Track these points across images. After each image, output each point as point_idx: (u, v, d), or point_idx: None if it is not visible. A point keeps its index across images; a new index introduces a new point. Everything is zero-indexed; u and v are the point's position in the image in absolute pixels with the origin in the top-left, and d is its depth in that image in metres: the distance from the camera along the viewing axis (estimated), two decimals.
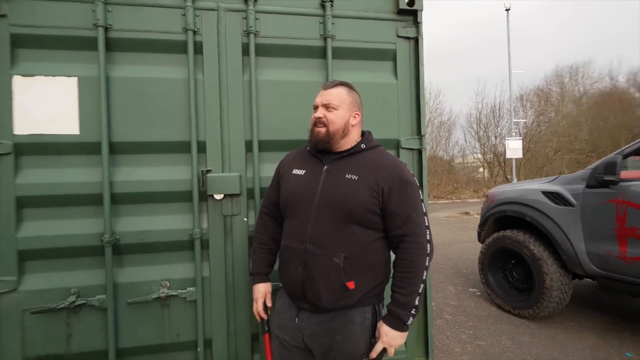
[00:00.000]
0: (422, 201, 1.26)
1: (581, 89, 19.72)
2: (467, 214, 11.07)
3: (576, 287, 4.20)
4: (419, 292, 1.18)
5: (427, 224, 1.24)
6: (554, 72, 23.98)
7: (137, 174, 1.66)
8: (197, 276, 1.69)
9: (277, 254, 1.48)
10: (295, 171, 1.35)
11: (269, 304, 1.46)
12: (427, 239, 1.22)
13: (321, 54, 1.83)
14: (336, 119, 1.29)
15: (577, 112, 18.76)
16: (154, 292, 1.65)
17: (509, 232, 3.56)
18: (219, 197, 1.69)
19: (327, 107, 1.30)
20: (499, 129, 18.21)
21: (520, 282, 3.54)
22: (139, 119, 1.66)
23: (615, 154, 2.90)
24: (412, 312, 1.18)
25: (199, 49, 1.71)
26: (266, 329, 1.45)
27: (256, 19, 1.75)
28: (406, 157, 1.90)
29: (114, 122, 1.64)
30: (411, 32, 1.92)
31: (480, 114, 18.92)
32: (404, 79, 1.94)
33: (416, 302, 1.18)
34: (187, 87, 1.69)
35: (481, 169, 19.97)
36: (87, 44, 1.62)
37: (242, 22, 1.75)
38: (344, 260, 1.19)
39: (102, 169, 1.60)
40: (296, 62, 1.82)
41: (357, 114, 1.35)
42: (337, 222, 1.21)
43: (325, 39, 1.81)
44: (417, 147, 1.91)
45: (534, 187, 3.45)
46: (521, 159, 14.97)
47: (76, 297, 1.60)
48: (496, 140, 18.18)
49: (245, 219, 1.74)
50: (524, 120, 17.88)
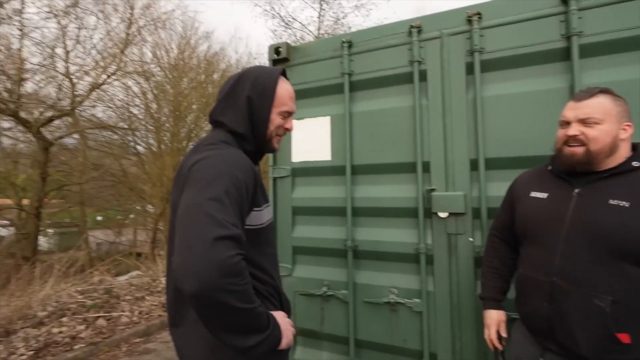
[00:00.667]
0: None
1: None
2: None
3: None
4: None
5: None
6: None
7: (373, 191, 1.95)
8: (423, 289, 1.79)
9: (509, 280, 1.38)
10: (534, 194, 1.23)
11: (504, 335, 1.37)
12: None
13: (562, 56, 1.59)
14: (600, 135, 1.08)
15: None
16: (384, 297, 1.87)
17: None
18: (443, 215, 1.74)
19: (584, 122, 1.10)
20: None
21: None
22: (373, 144, 1.97)
23: None
24: None
25: (423, 76, 1.86)
26: None
27: (481, 36, 1.73)
28: None
29: (355, 148, 2.01)
30: None
31: None
32: None
33: None
34: (413, 112, 1.86)
35: None
36: (337, 89, 2.07)
37: (465, 43, 1.77)
38: (611, 305, 0.99)
39: (346, 187, 1.99)
40: (527, 71, 1.66)
41: (629, 125, 1.10)
42: (600, 257, 1.02)
43: (569, 39, 1.56)
44: None
45: None
46: None
47: (327, 289, 2.02)
48: None
49: (470, 239, 1.71)
50: None
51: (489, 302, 1.39)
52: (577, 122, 1.12)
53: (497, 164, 1.67)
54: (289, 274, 2.15)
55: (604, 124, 1.08)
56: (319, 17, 9.99)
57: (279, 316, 0.99)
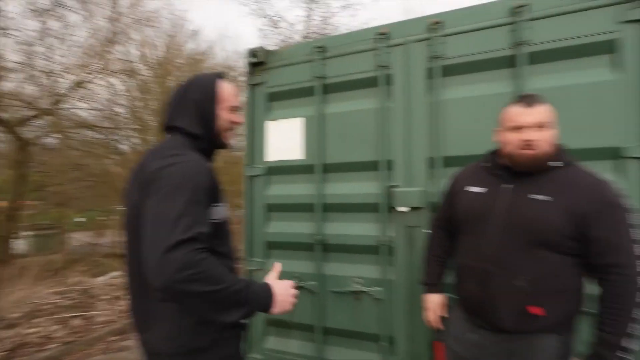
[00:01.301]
0: (631, 226, 1.05)
1: None
2: None
3: None
4: (628, 332, 0.97)
5: (638, 254, 1.02)
6: None
7: (341, 188, 2.06)
8: (384, 278, 1.91)
9: (447, 266, 1.51)
10: (471, 188, 1.34)
11: (446, 315, 1.50)
12: (638, 270, 1.01)
13: (511, 63, 1.74)
14: (550, 138, 1.18)
15: None
16: (349, 286, 1.98)
17: None
18: (403, 209, 1.87)
19: (540, 126, 1.16)
20: None
21: None
22: (343, 144, 2.08)
23: None
24: (619, 354, 0.98)
25: (390, 80, 1.99)
26: (441, 339, 1.49)
27: (443, 43, 1.87)
28: (636, 169, 1.51)
29: (327, 148, 2.12)
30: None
31: None
32: (634, 72, 1.56)
33: (624, 344, 0.98)
34: (378, 114, 1.99)
35: None
36: (311, 92, 2.17)
37: (427, 49, 1.90)
38: (529, 283, 1.13)
39: (317, 185, 2.09)
40: (481, 76, 1.81)
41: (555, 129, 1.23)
42: (522, 245, 1.15)
43: (516, 47, 1.72)
44: None
45: None
46: None
47: (298, 280, 2.12)
48: None
49: (424, 231, 1.84)
50: None
51: (431, 287, 1.51)
52: (532, 127, 1.16)
53: (453, 161, 1.81)
54: (261, 268, 2.24)
55: (552, 129, 1.19)
56: (307, 17, 10.10)
57: (279, 285, 1.12)
